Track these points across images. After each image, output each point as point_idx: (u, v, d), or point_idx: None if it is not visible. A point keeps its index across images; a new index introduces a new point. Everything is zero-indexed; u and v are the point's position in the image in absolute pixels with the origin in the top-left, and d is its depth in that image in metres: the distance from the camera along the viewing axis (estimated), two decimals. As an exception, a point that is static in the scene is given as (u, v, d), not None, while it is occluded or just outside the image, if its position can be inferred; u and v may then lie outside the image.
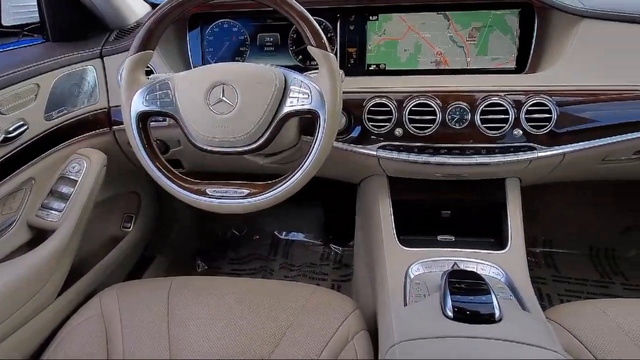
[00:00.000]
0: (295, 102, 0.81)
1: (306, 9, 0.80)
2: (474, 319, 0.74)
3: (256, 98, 0.80)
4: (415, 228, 1.06)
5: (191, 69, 0.90)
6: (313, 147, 0.81)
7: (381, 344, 0.78)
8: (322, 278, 1.68)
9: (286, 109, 0.81)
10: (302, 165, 0.82)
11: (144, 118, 0.85)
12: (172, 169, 0.88)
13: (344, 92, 1.00)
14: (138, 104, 0.84)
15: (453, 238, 1.05)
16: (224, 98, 0.80)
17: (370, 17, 1.07)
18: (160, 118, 1.05)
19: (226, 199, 0.85)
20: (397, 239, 1.01)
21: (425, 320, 0.75)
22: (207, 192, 0.86)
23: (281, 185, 0.83)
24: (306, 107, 0.80)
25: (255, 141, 0.83)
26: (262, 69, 0.81)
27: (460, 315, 0.74)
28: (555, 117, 0.94)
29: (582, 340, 0.82)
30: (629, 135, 0.97)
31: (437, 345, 0.69)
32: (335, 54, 1.09)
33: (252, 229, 1.91)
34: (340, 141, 1.03)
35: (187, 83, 0.83)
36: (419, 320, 0.76)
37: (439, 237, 1.05)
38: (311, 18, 0.80)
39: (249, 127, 0.80)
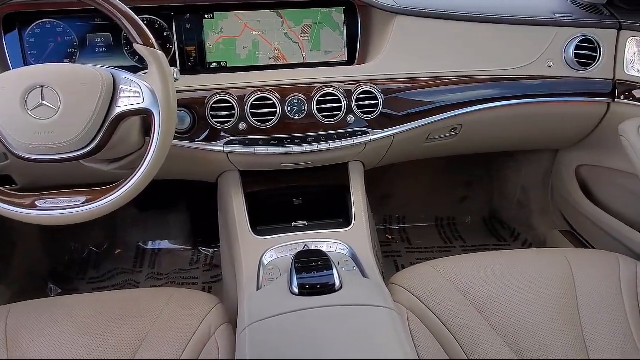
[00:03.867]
0: (126, 101, 0.79)
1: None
2: (317, 291, 0.80)
3: (82, 100, 0.76)
4: (271, 218, 1.11)
5: None
6: (150, 147, 0.80)
7: (237, 331, 0.81)
8: (193, 282, 1.65)
9: (118, 109, 0.79)
10: (141, 167, 0.80)
11: None
12: None
13: (185, 91, 1.01)
14: None
15: (306, 223, 1.11)
16: (44, 102, 0.75)
17: (206, 16, 1.08)
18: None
19: (61, 209, 0.80)
20: (251, 230, 1.04)
21: (273, 300, 0.80)
22: (38, 204, 0.80)
23: (120, 189, 0.80)
24: (139, 106, 0.79)
25: (87, 145, 0.79)
26: (85, 69, 0.78)
27: (305, 290, 0.80)
28: (381, 103, 1.05)
29: (418, 297, 0.94)
30: (443, 116, 1.12)
31: (283, 320, 0.74)
32: (174, 53, 1.08)
33: (113, 243, 1.80)
34: (186, 140, 1.03)
35: None
36: (268, 301, 0.80)
37: (294, 224, 1.11)
38: (134, 16, 0.79)
39: (76, 130, 0.77)
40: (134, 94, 0.79)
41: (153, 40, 0.79)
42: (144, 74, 0.82)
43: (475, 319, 0.90)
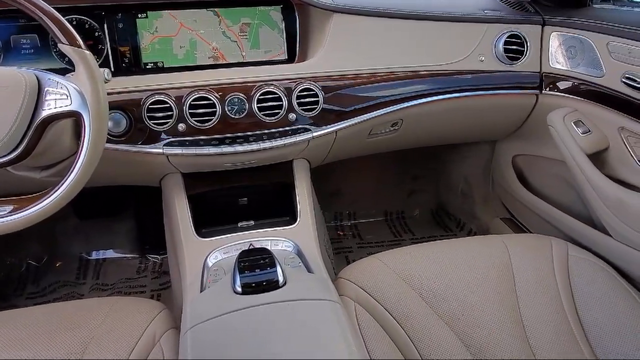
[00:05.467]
0: (53, 104, 0.75)
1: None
2: (261, 289, 0.80)
3: (2, 104, 0.72)
4: (217, 219, 1.09)
5: None
6: (81, 151, 0.76)
7: (180, 334, 0.79)
8: (141, 291, 1.60)
9: (44, 112, 0.75)
10: (71, 172, 0.76)
11: None
12: None
13: (119, 92, 0.98)
14: None
15: (252, 222, 1.10)
16: None
17: (139, 15, 1.05)
18: None
19: (-15, 219, 0.75)
20: (194, 232, 1.02)
21: (216, 301, 0.79)
22: (-42, 216, 0.75)
23: (50, 196, 0.76)
24: (66, 109, 0.75)
25: (12, 151, 0.75)
26: (5, 72, 0.74)
27: (249, 289, 0.80)
28: (322, 99, 1.06)
29: (365, 289, 0.95)
30: (383, 111, 1.14)
31: (226, 320, 0.73)
32: (107, 54, 1.04)
33: (53, 255, 1.71)
34: (123, 143, 0.99)
35: None
36: (210, 302, 0.79)
37: (240, 224, 1.10)
38: (57, 14, 0.75)
39: None
40: (61, 96, 0.75)
41: (79, 39, 0.76)
42: (72, 75, 0.79)
43: (419, 306, 0.93)
